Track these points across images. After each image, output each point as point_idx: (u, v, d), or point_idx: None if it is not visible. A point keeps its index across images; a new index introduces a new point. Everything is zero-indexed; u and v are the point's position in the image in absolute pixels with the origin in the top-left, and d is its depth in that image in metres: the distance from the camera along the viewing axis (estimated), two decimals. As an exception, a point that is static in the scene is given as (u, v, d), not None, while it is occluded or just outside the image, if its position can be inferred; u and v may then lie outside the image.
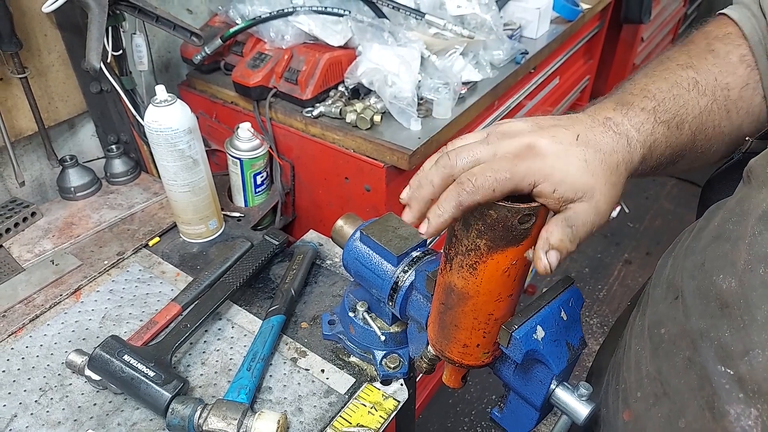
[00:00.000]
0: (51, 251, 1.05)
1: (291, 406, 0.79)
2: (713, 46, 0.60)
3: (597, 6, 1.78)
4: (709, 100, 0.57)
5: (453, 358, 0.62)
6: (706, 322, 0.48)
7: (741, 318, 0.44)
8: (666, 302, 0.56)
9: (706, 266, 0.50)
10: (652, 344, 0.57)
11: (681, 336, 0.52)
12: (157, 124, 0.94)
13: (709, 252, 0.51)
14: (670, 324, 0.54)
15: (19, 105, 1.09)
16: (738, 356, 0.44)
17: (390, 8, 1.27)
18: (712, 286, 0.48)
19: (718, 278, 0.48)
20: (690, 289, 0.52)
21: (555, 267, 0.48)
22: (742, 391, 0.44)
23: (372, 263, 0.78)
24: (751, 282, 0.44)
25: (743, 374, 0.44)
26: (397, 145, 1.09)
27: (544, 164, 0.46)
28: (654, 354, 0.56)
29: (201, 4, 1.42)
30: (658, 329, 0.56)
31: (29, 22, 1.06)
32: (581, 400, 0.61)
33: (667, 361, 0.53)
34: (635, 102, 0.55)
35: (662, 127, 0.54)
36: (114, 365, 0.76)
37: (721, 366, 0.46)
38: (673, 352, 0.53)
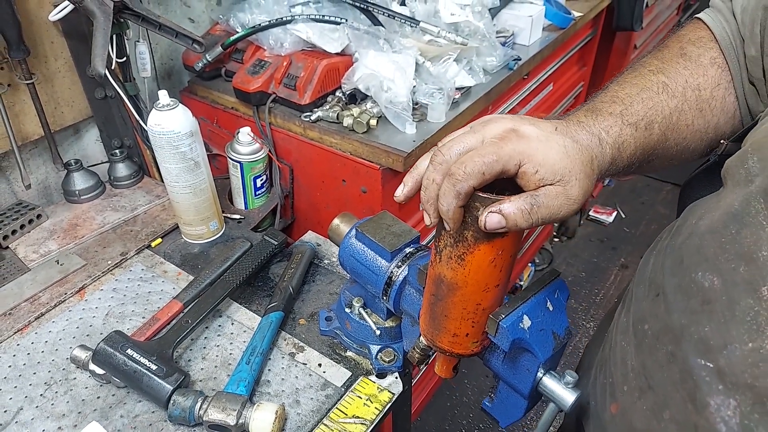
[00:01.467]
0: (56, 252, 1.08)
1: (289, 399, 0.82)
2: (685, 49, 0.64)
3: (589, 14, 1.82)
4: (680, 101, 0.60)
5: (443, 347, 0.65)
6: (687, 317, 0.50)
7: (722, 314, 0.46)
8: (648, 299, 0.59)
9: (685, 263, 0.52)
10: (636, 340, 0.59)
11: (663, 331, 0.54)
12: (160, 128, 0.97)
13: (685, 248, 0.53)
14: (652, 320, 0.56)
15: (26, 110, 1.12)
16: (717, 350, 0.46)
17: (385, 16, 1.31)
18: (693, 284, 0.50)
19: (697, 275, 0.49)
20: (671, 286, 0.54)
21: (490, 228, 0.49)
22: (721, 383, 0.46)
23: (367, 259, 0.81)
24: (733, 279, 0.46)
25: (722, 367, 0.46)
26: (393, 148, 1.12)
27: (528, 146, 0.48)
28: (638, 349, 0.58)
29: (202, 13, 1.46)
30: (641, 325, 0.58)
31: (36, 30, 1.09)
32: (567, 388, 0.64)
33: (651, 356, 0.55)
34: (604, 108, 0.59)
35: (630, 129, 0.57)
36: (117, 359, 0.79)
37: (701, 360, 0.48)
38: (656, 347, 0.55)
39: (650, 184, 3.19)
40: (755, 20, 0.59)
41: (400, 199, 0.56)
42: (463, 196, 0.48)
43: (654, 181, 3.21)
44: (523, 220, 0.49)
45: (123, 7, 1.07)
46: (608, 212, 2.96)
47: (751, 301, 0.44)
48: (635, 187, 3.18)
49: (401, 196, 0.56)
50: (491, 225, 0.49)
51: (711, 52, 0.63)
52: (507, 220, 0.48)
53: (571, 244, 2.83)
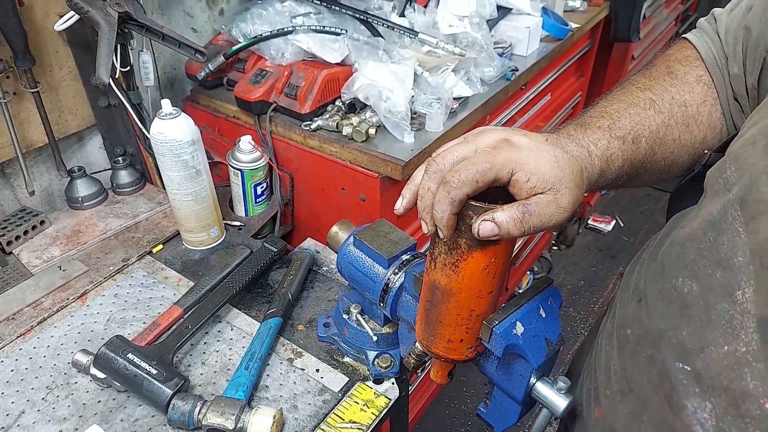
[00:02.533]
0: (59, 257, 1.09)
1: (287, 404, 0.83)
2: (672, 67, 0.66)
3: (586, 25, 1.85)
4: (666, 116, 0.63)
5: (438, 353, 0.66)
6: (666, 322, 0.52)
7: (699, 318, 0.48)
8: (631, 305, 0.60)
9: (666, 270, 0.54)
10: (618, 344, 0.60)
11: (644, 335, 0.55)
12: (163, 136, 0.99)
13: (666, 256, 0.55)
14: (634, 325, 0.58)
15: (31, 118, 1.14)
16: (695, 353, 0.47)
17: (385, 27, 1.33)
18: (673, 290, 0.51)
19: (677, 281, 0.51)
20: (652, 292, 0.56)
21: (483, 235, 0.50)
22: (698, 386, 0.47)
23: (364, 266, 0.82)
24: (710, 284, 0.47)
25: (699, 370, 0.47)
26: (391, 157, 1.14)
27: (520, 154, 0.50)
28: (620, 353, 0.59)
29: (205, 23, 1.48)
30: (624, 330, 0.60)
31: (42, 39, 1.11)
32: (560, 394, 0.65)
33: (632, 360, 0.57)
34: (592, 122, 0.61)
35: (618, 142, 0.59)
36: (118, 363, 0.80)
37: (679, 363, 0.49)
38: (637, 350, 0.56)
39: (650, 194, 3.20)
40: (737, 40, 0.61)
41: (399, 212, 0.58)
42: (456, 203, 0.49)
43: (653, 190, 3.23)
44: (515, 228, 0.50)
45: (127, 18, 1.09)
46: (607, 221, 2.97)
47: (726, 305, 0.45)
48: (634, 196, 3.20)
49: (401, 208, 0.57)
50: (484, 233, 0.50)
51: (697, 71, 0.65)
52: (500, 228, 0.50)
53: (570, 253, 2.84)
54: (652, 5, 2.36)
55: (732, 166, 0.50)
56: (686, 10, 3.11)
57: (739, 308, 0.44)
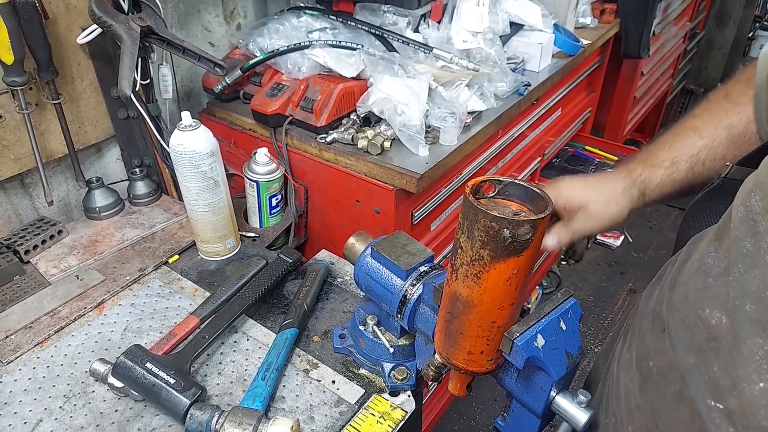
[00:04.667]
0: (76, 267, 1.10)
1: (303, 415, 0.83)
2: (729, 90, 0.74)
3: (597, 42, 1.87)
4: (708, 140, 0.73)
5: (458, 364, 0.66)
6: (694, 356, 0.50)
7: (729, 353, 0.46)
8: (653, 335, 0.59)
9: (690, 299, 0.53)
10: (641, 377, 0.59)
11: (669, 369, 0.53)
12: (182, 147, 1.00)
13: (692, 285, 0.53)
14: (658, 357, 0.56)
15: (51, 129, 1.16)
16: (727, 390, 0.46)
17: (400, 43, 1.35)
18: (699, 320, 0.50)
19: (704, 312, 0.49)
20: (675, 322, 0.54)
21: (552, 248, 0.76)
22: (731, 425, 0.45)
23: (382, 278, 0.83)
24: (739, 317, 0.46)
25: (732, 408, 0.45)
26: (406, 170, 1.15)
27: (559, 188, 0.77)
28: (643, 387, 0.58)
29: (222, 37, 1.51)
30: (646, 362, 0.58)
31: (65, 52, 1.14)
32: (580, 407, 0.64)
33: (658, 395, 0.55)
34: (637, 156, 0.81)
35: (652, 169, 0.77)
36: (137, 372, 0.80)
37: (711, 401, 0.47)
38: (663, 385, 0.54)
39: (658, 209, 3.19)
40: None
41: None
42: None
43: (662, 206, 3.21)
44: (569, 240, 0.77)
45: (149, 32, 1.11)
46: (616, 236, 2.96)
47: (760, 341, 0.43)
48: (643, 212, 3.18)
49: None
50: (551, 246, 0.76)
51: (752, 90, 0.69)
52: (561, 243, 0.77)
53: (579, 268, 2.83)
54: (661, 22, 2.38)
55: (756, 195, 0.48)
56: (694, 27, 3.14)
57: None
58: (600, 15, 1.99)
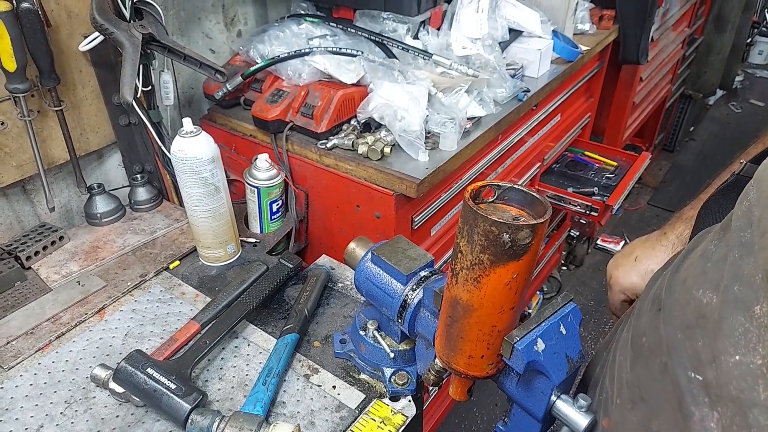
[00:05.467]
0: (77, 273, 1.10)
1: (304, 420, 0.83)
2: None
3: (596, 47, 1.88)
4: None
5: (459, 369, 0.66)
6: (682, 332, 0.53)
7: (713, 329, 0.48)
8: (650, 314, 0.61)
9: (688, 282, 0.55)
10: (633, 353, 0.61)
11: (658, 344, 0.56)
12: (183, 153, 1.01)
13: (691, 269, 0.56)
14: (650, 333, 0.59)
15: (53, 135, 1.17)
16: (707, 363, 0.48)
17: (400, 49, 1.36)
18: (691, 299, 0.52)
19: (698, 292, 0.52)
20: (670, 302, 0.57)
21: None
22: (707, 395, 0.48)
23: (382, 282, 0.83)
24: (726, 297, 0.48)
25: (710, 380, 0.48)
26: (406, 175, 1.15)
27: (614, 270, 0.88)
28: (634, 362, 0.60)
29: (223, 44, 1.52)
30: (640, 339, 0.60)
31: (66, 59, 1.14)
32: (580, 412, 0.65)
33: (645, 369, 0.57)
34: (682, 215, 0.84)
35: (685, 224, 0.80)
36: (138, 377, 0.81)
37: (691, 372, 0.50)
38: (651, 359, 0.57)
39: (658, 214, 3.20)
40: None
41: None
42: None
43: (662, 210, 3.22)
44: None
45: (150, 39, 1.12)
46: (616, 241, 2.97)
47: (741, 319, 0.46)
48: (643, 217, 3.19)
49: None
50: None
51: None
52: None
53: (579, 273, 2.83)
54: (659, 28, 2.40)
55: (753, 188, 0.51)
56: (692, 32, 3.15)
57: (756, 323, 0.44)
58: (599, 21, 2.00)
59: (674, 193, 3.33)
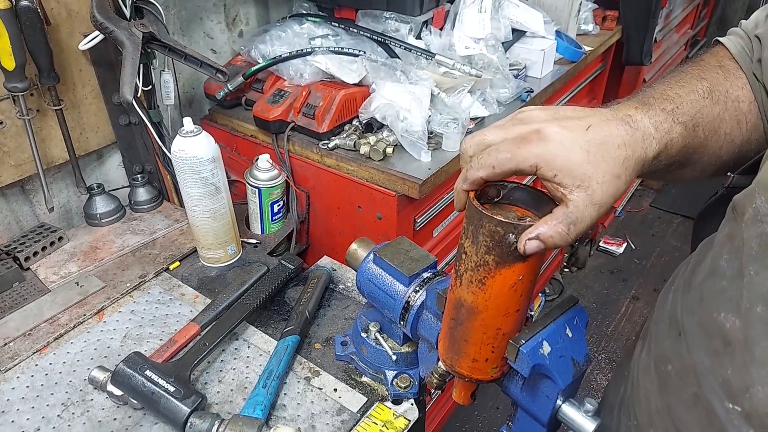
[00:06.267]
0: (76, 274, 1.09)
1: (305, 423, 0.82)
2: (723, 62, 0.63)
3: (599, 48, 1.86)
4: (722, 108, 0.59)
5: (463, 372, 0.65)
6: (710, 359, 0.50)
7: (742, 355, 0.46)
8: (670, 338, 0.58)
9: (705, 302, 0.53)
10: (659, 380, 0.59)
11: (686, 372, 0.54)
12: (184, 153, 1.00)
13: (706, 288, 0.53)
14: (675, 360, 0.56)
15: (52, 135, 1.16)
16: (740, 393, 0.46)
17: (402, 49, 1.35)
18: (713, 323, 0.50)
19: (719, 316, 0.49)
20: (691, 325, 0.54)
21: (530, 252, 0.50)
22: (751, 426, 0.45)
23: (384, 284, 0.82)
24: (750, 320, 0.46)
25: (749, 410, 0.45)
26: (409, 176, 1.14)
27: (546, 149, 0.47)
28: (662, 390, 0.58)
29: (224, 44, 1.51)
30: (664, 366, 0.58)
31: (66, 58, 1.14)
32: (587, 416, 0.63)
33: (676, 397, 0.55)
34: (655, 104, 0.56)
35: (680, 128, 0.55)
36: (136, 380, 0.79)
37: (728, 403, 0.47)
38: (681, 387, 0.54)
39: (661, 216, 3.18)
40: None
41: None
42: (468, 183, 0.53)
43: (664, 213, 3.21)
44: (561, 240, 0.49)
45: (151, 38, 1.11)
46: (618, 243, 2.95)
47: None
48: (645, 219, 3.18)
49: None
50: (531, 250, 0.50)
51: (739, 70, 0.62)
52: (546, 243, 0.49)
53: (582, 275, 2.82)
54: (662, 29, 2.39)
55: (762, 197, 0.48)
56: (695, 34, 3.14)
57: None
58: (602, 22, 1.99)
59: (676, 195, 3.31)
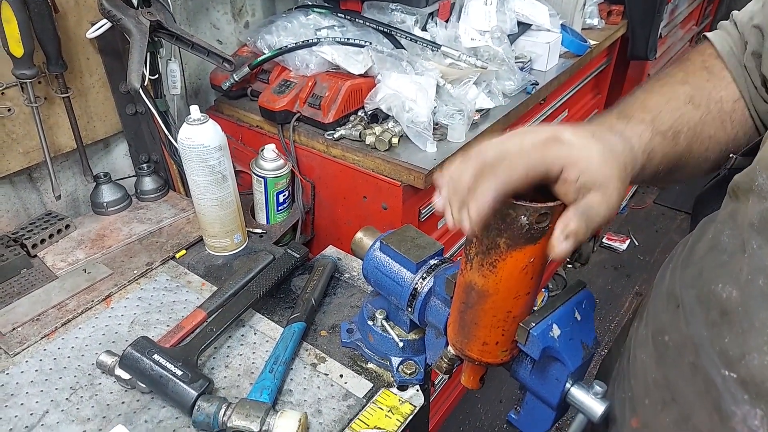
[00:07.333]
0: (83, 261, 1.10)
1: (311, 408, 0.82)
2: (708, 62, 0.65)
3: (604, 42, 1.86)
4: (704, 112, 0.61)
5: (473, 356, 0.65)
6: (708, 329, 0.51)
7: (740, 324, 0.47)
8: (668, 312, 0.59)
9: (704, 276, 0.53)
10: (656, 352, 0.59)
11: (683, 343, 0.54)
12: (190, 141, 1.00)
13: (706, 262, 0.54)
14: (673, 331, 0.57)
15: (60, 123, 1.16)
16: (737, 360, 0.47)
17: (408, 40, 1.35)
18: (711, 295, 0.51)
19: (717, 287, 0.50)
20: (689, 298, 0.55)
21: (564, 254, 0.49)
22: (746, 392, 0.46)
23: (392, 271, 0.82)
24: (751, 291, 0.47)
25: (744, 377, 0.46)
26: (414, 166, 1.14)
27: (570, 152, 0.47)
28: (659, 361, 0.58)
29: (231, 35, 1.51)
30: (662, 337, 0.59)
31: (74, 46, 1.14)
32: (596, 398, 0.63)
33: (674, 368, 0.56)
34: (635, 114, 0.59)
35: (659, 137, 0.57)
36: (144, 363, 0.80)
37: (725, 370, 0.48)
38: (678, 358, 0.55)
39: (664, 213, 3.18)
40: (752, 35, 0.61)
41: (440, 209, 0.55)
42: (501, 193, 0.46)
43: (668, 209, 3.20)
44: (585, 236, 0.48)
45: (158, 27, 1.11)
46: (622, 240, 2.95)
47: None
48: (649, 215, 3.18)
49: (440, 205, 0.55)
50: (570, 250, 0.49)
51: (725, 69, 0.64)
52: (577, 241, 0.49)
53: (585, 271, 2.82)
54: (668, 25, 2.38)
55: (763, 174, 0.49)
56: (700, 31, 3.13)
57: None
58: (607, 16, 1.99)
59: (680, 192, 3.31)
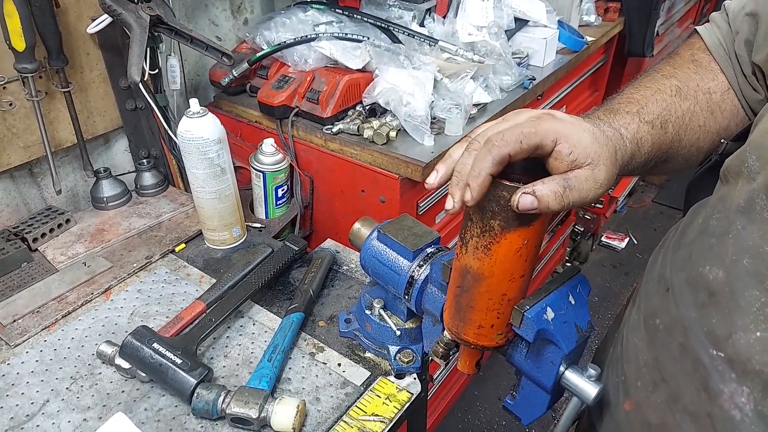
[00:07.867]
0: (83, 254, 1.10)
1: (309, 396, 0.83)
2: (696, 56, 0.67)
3: (601, 39, 1.87)
4: (692, 103, 0.63)
5: (469, 339, 0.66)
6: (696, 311, 0.52)
7: (727, 304, 0.48)
8: (658, 295, 0.60)
9: (693, 259, 0.54)
10: (648, 335, 0.60)
11: (673, 325, 0.55)
12: (190, 134, 1.01)
13: (696, 245, 0.55)
14: (663, 314, 0.58)
15: (60, 118, 1.17)
16: (724, 339, 0.48)
17: (405, 35, 1.36)
18: (699, 277, 0.52)
19: (704, 269, 0.51)
20: (679, 281, 0.56)
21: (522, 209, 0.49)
22: (733, 371, 0.47)
23: (389, 260, 0.83)
24: (736, 272, 0.48)
25: (731, 356, 0.47)
26: (412, 159, 1.15)
27: (563, 126, 0.49)
28: (650, 344, 0.59)
29: (229, 31, 1.52)
30: (653, 320, 0.60)
31: (74, 41, 1.15)
32: (590, 381, 0.64)
33: (663, 350, 0.57)
34: (621, 108, 0.61)
35: (647, 126, 0.59)
36: (144, 352, 0.80)
37: (713, 350, 0.49)
38: (668, 340, 0.56)
39: (663, 212, 3.19)
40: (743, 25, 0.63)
41: (432, 186, 0.57)
42: (497, 161, 0.47)
43: (666, 208, 3.21)
44: (555, 203, 0.49)
45: (158, 21, 1.12)
46: (620, 238, 2.96)
47: (757, 293, 0.45)
48: (648, 214, 3.19)
49: (435, 183, 0.56)
50: (524, 206, 0.49)
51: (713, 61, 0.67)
52: (540, 202, 0.49)
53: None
54: (665, 23, 2.39)
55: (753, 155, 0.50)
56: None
57: None
58: (604, 13, 2.00)
59: (679, 190, 3.32)
